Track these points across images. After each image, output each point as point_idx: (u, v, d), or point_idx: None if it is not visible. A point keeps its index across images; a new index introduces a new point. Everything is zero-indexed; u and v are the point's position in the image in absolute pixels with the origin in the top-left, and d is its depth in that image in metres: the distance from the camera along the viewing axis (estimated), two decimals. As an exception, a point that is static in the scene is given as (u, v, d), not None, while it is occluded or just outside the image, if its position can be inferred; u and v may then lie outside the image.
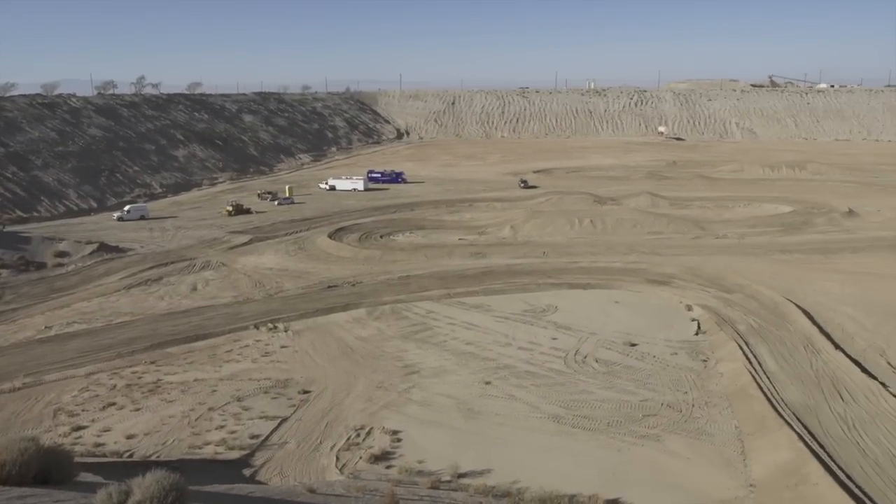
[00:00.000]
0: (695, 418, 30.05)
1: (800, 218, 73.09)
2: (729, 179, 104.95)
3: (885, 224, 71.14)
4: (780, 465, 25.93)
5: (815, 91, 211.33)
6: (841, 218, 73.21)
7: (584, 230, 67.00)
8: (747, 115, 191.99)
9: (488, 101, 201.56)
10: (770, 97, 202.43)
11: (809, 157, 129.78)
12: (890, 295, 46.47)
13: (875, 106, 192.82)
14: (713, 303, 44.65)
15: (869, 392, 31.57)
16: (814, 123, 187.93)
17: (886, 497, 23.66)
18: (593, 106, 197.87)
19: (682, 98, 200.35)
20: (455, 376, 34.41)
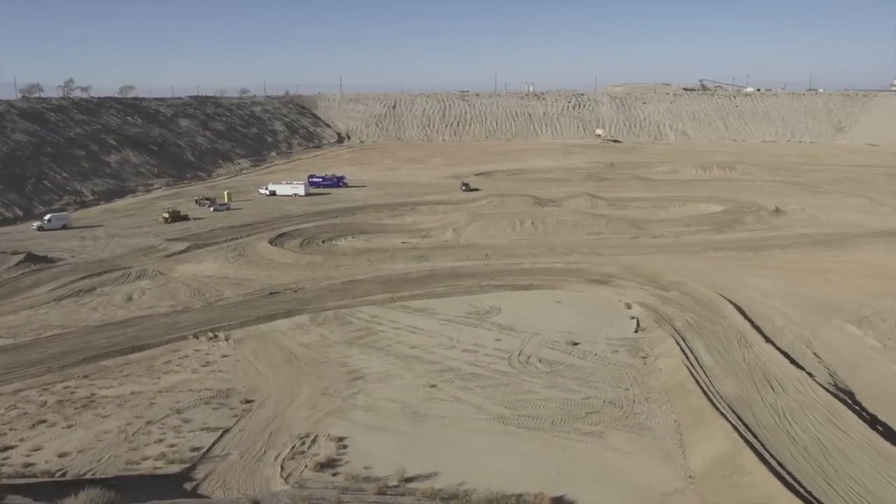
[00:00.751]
0: (636, 414, 30.80)
1: (731, 217, 75.83)
2: (664, 180, 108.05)
3: (808, 221, 74.60)
4: (716, 455, 26.82)
5: (743, 94, 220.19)
6: (769, 216, 76.35)
7: (526, 232, 67.88)
8: (680, 117, 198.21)
9: (429, 105, 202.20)
10: (701, 100, 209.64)
11: (739, 158, 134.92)
12: (815, 288, 48.76)
13: (797, 109, 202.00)
14: (651, 301, 45.88)
15: (797, 382, 32.98)
16: (742, 125, 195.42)
17: (815, 482, 24.75)
18: (533, 109, 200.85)
19: (618, 101, 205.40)
20: (400, 380, 34.34)
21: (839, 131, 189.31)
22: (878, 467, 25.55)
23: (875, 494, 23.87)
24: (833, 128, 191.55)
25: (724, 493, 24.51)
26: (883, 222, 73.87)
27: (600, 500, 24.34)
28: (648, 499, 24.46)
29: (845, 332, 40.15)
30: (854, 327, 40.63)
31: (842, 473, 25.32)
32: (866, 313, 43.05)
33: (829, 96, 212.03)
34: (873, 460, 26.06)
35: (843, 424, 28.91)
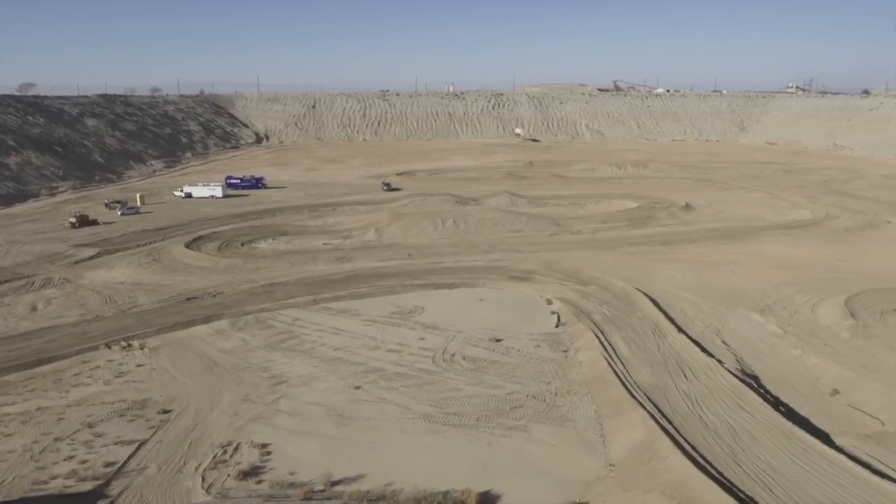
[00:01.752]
0: (558, 406, 31.58)
1: (645, 213, 78.72)
2: (581, 178, 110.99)
3: (716, 216, 78.36)
4: (635, 443, 27.86)
5: (654, 95, 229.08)
6: (680, 211, 79.71)
7: (448, 231, 68.35)
8: (596, 117, 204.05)
9: (349, 104, 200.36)
10: (615, 101, 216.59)
11: (651, 156, 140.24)
12: (722, 280, 51.30)
13: (704, 109, 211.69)
14: (571, 295, 47.09)
15: (708, 369, 34.64)
16: (653, 125, 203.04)
17: (725, 463, 26.09)
18: (453, 109, 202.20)
19: (536, 101, 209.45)
20: (324, 383, 33.97)
21: (742, 130, 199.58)
22: (780, 445, 27.18)
23: (778, 471, 25.38)
24: (736, 127, 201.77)
25: (642, 478, 25.48)
26: (782, 216, 78.47)
27: (525, 492, 24.87)
28: (571, 488, 25.15)
29: (750, 321, 42.42)
30: (758, 315, 42.97)
31: (749, 453, 26.80)
32: (769, 302, 45.64)
33: (733, 97, 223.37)
34: (777, 439, 27.69)
35: (749, 407, 30.58)
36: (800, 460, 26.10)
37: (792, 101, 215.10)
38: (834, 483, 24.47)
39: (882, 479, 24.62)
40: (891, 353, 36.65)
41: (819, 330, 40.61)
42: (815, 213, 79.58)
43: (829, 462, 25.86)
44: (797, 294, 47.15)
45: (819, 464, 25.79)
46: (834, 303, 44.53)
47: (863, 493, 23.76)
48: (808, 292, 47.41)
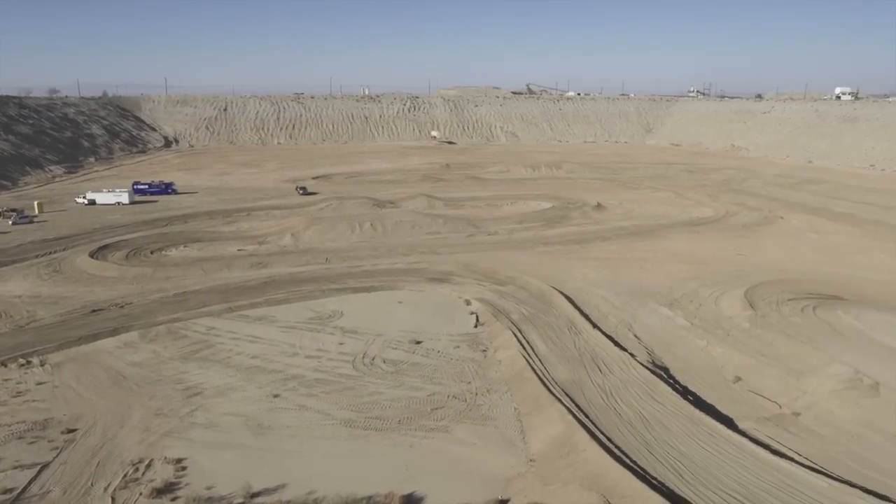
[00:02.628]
0: (479, 405, 31.97)
1: (559, 213, 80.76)
2: (497, 180, 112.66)
3: (626, 215, 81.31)
4: (553, 437, 28.56)
5: (566, 98, 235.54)
6: (592, 211, 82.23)
7: (365, 234, 67.98)
8: (510, 119, 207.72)
9: (262, 107, 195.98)
10: (528, 103, 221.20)
11: (564, 158, 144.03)
12: (633, 276, 53.29)
13: (613, 112, 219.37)
14: (489, 296, 47.76)
15: (621, 363, 35.92)
16: (566, 127, 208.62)
17: (639, 452, 27.14)
18: (369, 112, 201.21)
19: (451, 104, 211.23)
20: (242, 393, 33.10)
21: (648, 132, 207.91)
22: (689, 432, 28.52)
23: (687, 456, 26.63)
24: (643, 129, 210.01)
25: (561, 471, 26.16)
26: (686, 214, 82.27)
27: (448, 492, 25.05)
28: (493, 486, 25.52)
29: (660, 314, 44.26)
30: (667, 309, 44.88)
31: (661, 441, 27.98)
32: (676, 296, 47.76)
33: (639, 101, 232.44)
34: (686, 427, 29.04)
35: (660, 398, 31.92)
36: (707, 445, 27.46)
37: (693, 105, 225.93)
38: (737, 465, 25.89)
39: (780, 459, 26.28)
40: (786, 340, 39.10)
41: (722, 321, 42.84)
42: (716, 211, 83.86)
43: (733, 445, 27.34)
44: (702, 288, 49.57)
45: (724, 447, 27.23)
46: (735, 295, 47.08)
47: (763, 473, 25.25)
48: (712, 286, 49.94)
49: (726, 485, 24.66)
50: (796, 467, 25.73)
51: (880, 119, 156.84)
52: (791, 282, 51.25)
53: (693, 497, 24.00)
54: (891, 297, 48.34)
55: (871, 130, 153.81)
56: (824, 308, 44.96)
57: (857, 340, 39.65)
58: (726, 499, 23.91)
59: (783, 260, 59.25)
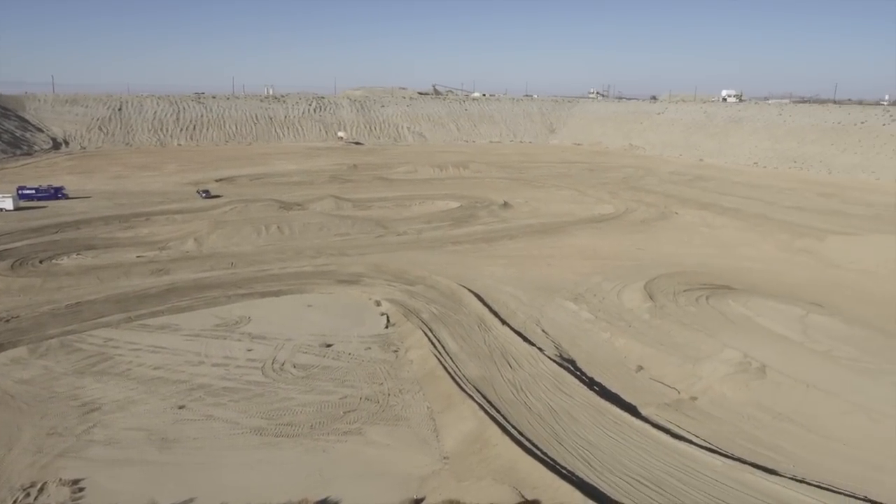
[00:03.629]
0: (391, 406, 31.96)
1: (466, 212, 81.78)
2: (405, 180, 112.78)
3: (532, 213, 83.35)
4: (466, 434, 28.94)
5: (471, 99, 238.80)
6: (499, 210, 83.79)
7: (272, 237, 66.51)
8: (417, 120, 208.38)
9: (161, 107, 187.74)
10: (435, 104, 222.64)
11: (470, 158, 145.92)
12: (540, 272, 54.70)
13: (517, 112, 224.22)
14: (399, 296, 47.80)
15: (530, 357, 36.81)
16: (472, 127, 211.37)
17: (549, 444, 27.93)
18: (273, 112, 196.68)
19: (358, 104, 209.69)
20: (144, 406, 31.65)
21: (552, 132, 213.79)
22: (596, 422, 29.61)
23: (595, 445, 27.65)
24: (547, 129, 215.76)
25: (474, 467, 26.56)
26: (588, 211, 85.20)
27: (363, 495, 24.93)
28: (408, 485, 25.60)
29: (566, 309, 45.64)
30: (572, 304, 46.34)
31: (569, 432, 28.90)
32: (581, 290, 49.39)
33: (542, 101, 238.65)
34: (593, 417, 30.13)
35: (568, 389, 32.95)
36: (613, 433, 28.60)
37: (593, 106, 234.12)
38: (641, 450, 27.11)
39: (679, 441, 27.74)
40: (682, 329, 41.24)
41: (624, 313, 44.66)
42: (616, 208, 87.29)
43: (637, 431, 28.61)
44: (605, 282, 51.48)
45: (629, 434, 28.45)
46: (635, 288, 49.19)
47: (664, 456, 26.57)
48: (614, 279, 51.96)
49: (631, 469, 25.78)
50: (694, 449, 27.22)
51: (761, 120, 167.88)
52: (686, 274, 54.06)
53: (601, 484, 24.94)
54: (774, 285, 51.87)
55: (753, 130, 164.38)
56: (716, 297, 47.69)
57: (746, 326, 42.33)
58: (631, 483, 24.99)
59: (678, 253, 62.43)
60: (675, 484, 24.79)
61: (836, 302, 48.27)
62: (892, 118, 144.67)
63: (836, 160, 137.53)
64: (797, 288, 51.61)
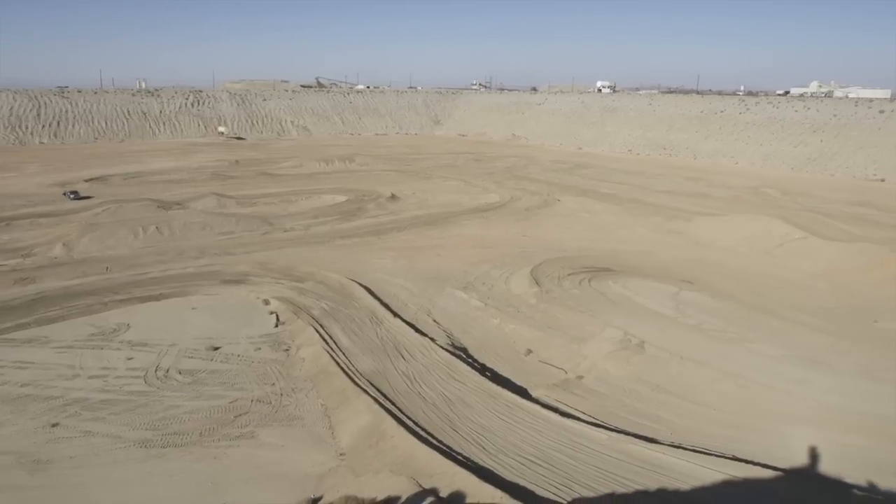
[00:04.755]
0: (284, 406, 31.36)
1: (354, 205, 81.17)
2: (290, 175, 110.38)
3: (419, 204, 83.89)
4: (362, 429, 28.90)
5: (356, 92, 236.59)
6: (387, 202, 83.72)
7: (151, 238, 63.26)
8: (300, 113, 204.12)
9: (18, 102, 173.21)
10: (318, 97, 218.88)
11: (356, 151, 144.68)
12: (429, 263, 55.23)
13: (402, 104, 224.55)
14: (288, 293, 46.86)
15: (423, 348, 37.17)
16: (357, 120, 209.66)
17: (444, 431, 28.40)
18: (147, 107, 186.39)
19: (238, 98, 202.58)
20: (11, 427, 29.31)
21: (437, 124, 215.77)
22: (489, 406, 30.38)
23: (489, 429, 28.39)
24: (432, 121, 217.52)
25: (371, 461, 26.58)
26: (476, 201, 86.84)
27: (258, 498, 24.38)
28: (305, 485, 25.27)
29: (456, 298, 46.39)
30: (462, 292, 47.17)
31: (463, 419, 29.50)
32: (470, 279, 50.36)
33: (427, 93, 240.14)
34: (485, 402, 30.88)
35: (461, 377, 33.57)
36: (505, 416, 29.46)
37: (477, 97, 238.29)
38: (533, 430, 28.11)
39: (567, 419, 28.99)
40: (567, 312, 42.99)
41: (512, 299, 45.97)
42: (502, 197, 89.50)
43: (528, 413, 29.62)
44: (493, 269, 52.75)
45: (521, 416, 29.40)
46: (522, 274, 50.72)
47: (554, 434, 27.70)
48: (501, 267, 53.34)
49: (524, 450, 26.68)
50: (581, 425, 28.54)
51: (634, 110, 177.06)
52: (569, 258, 56.32)
53: (496, 466, 25.67)
54: (649, 266, 55.07)
55: (627, 120, 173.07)
56: (598, 280, 50.01)
57: (625, 306, 44.71)
58: (524, 462, 25.89)
59: (561, 239, 64.92)
60: (564, 460, 25.91)
61: (704, 278, 51.89)
62: (746, 108, 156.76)
63: (701, 146, 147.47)
64: (670, 267, 55.04)
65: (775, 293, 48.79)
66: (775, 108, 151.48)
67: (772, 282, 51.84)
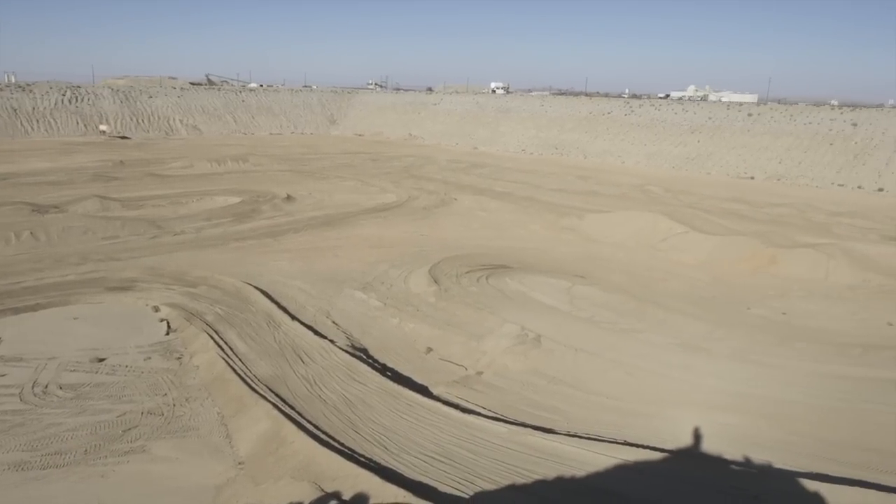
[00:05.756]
0: (178, 417, 30.12)
1: (249, 207, 78.91)
2: (180, 176, 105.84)
3: (316, 205, 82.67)
4: (261, 436, 28.21)
5: (248, 90, 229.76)
6: (282, 203, 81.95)
7: (25, 245, 58.91)
8: (190, 112, 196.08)
9: None
10: (209, 95, 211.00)
11: (250, 150, 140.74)
12: (327, 264, 54.62)
13: (297, 103, 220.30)
14: (179, 299, 44.98)
15: (322, 350, 36.71)
16: (250, 119, 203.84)
17: (346, 433, 28.19)
18: (18, 103, 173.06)
19: (121, 95, 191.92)
20: None
21: (333, 123, 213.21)
22: (390, 406, 30.42)
23: (390, 429, 28.43)
24: (328, 120, 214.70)
25: (272, 468, 26.01)
26: (373, 200, 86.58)
27: (150, 515, 23.34)
28: (202, 497, 24.40)
29: (355, 298, 46.10)
30: (361, 293, 46.93)
31: (365, 419, 29.39)
32: (369, 279, 50.19)
33: (322, 92, 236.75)
34: (386, 401, 30.91)
35: (362, 378, 33.42)
36: (407, 415, 29.60)
37: (373, 97, 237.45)
38: (434, 427, 28.40)
39: (468, 415, 29.50)
40: (465, 308, 43.69)
41: (411, 298, 46.21)
42: (399, 196, 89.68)
43: (429, 410, 29.90)
44: (391, 269, 52.80)
45: (422, 414, 29.63)
46: (421, 273, 51.08)
47: (455, 430, 28.12)
48: (400, 266, 53.49)
49: (425, 447, 26.92)
50: (481, 419, 29.12)
51: (527, 110, 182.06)
52: (467, 256, 57.24)
53: (398, 466, 25.75)
54: (544, 262, 56.88)
55: (520, 120, 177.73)
56: (495, 277, 51.11)
57: (522, 301, 45.95)
58: (426, 460, 26.12)
59: (459, 237, 65.87)
60: (465, 455, 26.35)
61: (595, 273, 54.16)
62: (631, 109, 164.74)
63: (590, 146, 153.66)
64: (563, 263, 57.06)
65: (660, 285, 51.62)
66: (657, 111, 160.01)
67: (657, 274, 54.81)
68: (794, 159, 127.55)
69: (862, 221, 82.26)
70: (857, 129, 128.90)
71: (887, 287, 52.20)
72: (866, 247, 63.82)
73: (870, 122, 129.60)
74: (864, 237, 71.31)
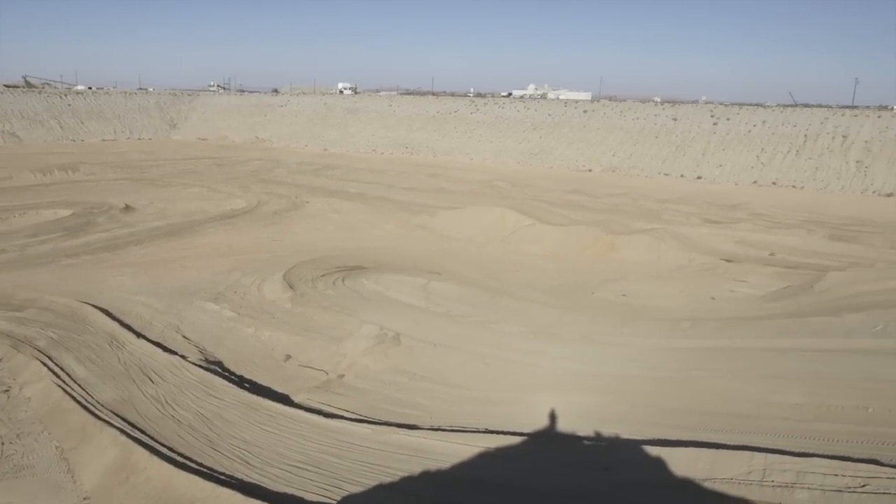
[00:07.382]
0: (8, 457, 27.32)
1: (81, 220, 72.94)
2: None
3: (159, 214, 78.04)
4: (108, 466, 26.27)
5: (75, 93, 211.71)
6: (121, 214, 76.58)
7: None
8: (6, 117, 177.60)
9: None
10: (28, 98, 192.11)
11: (81, 159, 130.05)
12: (174, 276, 51.78)
13: (132, 107, 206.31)
14: (4, 325, 40.71)
15: (173, 367, 34.77)
16: (79, 124, 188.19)
17: (204, 452, 26.95)
18: None
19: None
20: None
21: (173, 128, 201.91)
22: (250, 419, 29.46)
23: (251, 442, 27.54)
24: (167, 125, 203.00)
25: (122, 499, 24.33)
26: (221, 207, 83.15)
27: (-19, 566, 21.09)
28: (41, 539, 22.40)
29: (206, 310, 44.10)
30: (213, 304, 44.97)
31: (224, 436, 28.25)
32: (220, 289, 48.18)
33: (160, 95, 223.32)
34: (246, 414, 29.89)
35: (218, 393, 32.06)
36: (268, 427, 28.81)
37: (216, 99, 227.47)
38: (298, 436, 27.88)
39: (331, 419, 29.25)
40: (323, 312, 43.17)
41: (267, 305, 44.94)
42: (248, 202, 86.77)
43: (291, 419, 29.29)
44: (244, 277, 51.03)
45: (284, 424, 28.96)
46: (275, 279, 49.77)
47: (319, 436, 27.77)
48: (253, 274, 51.82)
49: (290, 458, 26.36)
50: (345, 423, 28.97)
51: (375, 110, 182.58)
52: (321, 259, 56.55)
53: (262, 479, 25.02)
54: (400, 260, 57.43)
55: (369, 120, 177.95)
56: (351, 278, 50.90)
57: (379, 301, 46.13)
58: (291, 470, 25.59)
59: (312, 241, 64.91)
60: (332, 460, 26.11)
61: (450, 268, 55.49)
62: (476, 108, 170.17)
63: (439, 144, 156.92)
64: (418, 260, 57.91)
65: (512, 276, 53.85)
66: (501, 109, 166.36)
67: (508, 266, 57.13)
68: (625, 152, 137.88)
69: (685, 207, 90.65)
70: (678, 123, 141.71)
71: (708, 265, 57.91)
72: (690, 230, 70.53)
73: (687, 117, 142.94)
74: (688, 221, 78.66)
